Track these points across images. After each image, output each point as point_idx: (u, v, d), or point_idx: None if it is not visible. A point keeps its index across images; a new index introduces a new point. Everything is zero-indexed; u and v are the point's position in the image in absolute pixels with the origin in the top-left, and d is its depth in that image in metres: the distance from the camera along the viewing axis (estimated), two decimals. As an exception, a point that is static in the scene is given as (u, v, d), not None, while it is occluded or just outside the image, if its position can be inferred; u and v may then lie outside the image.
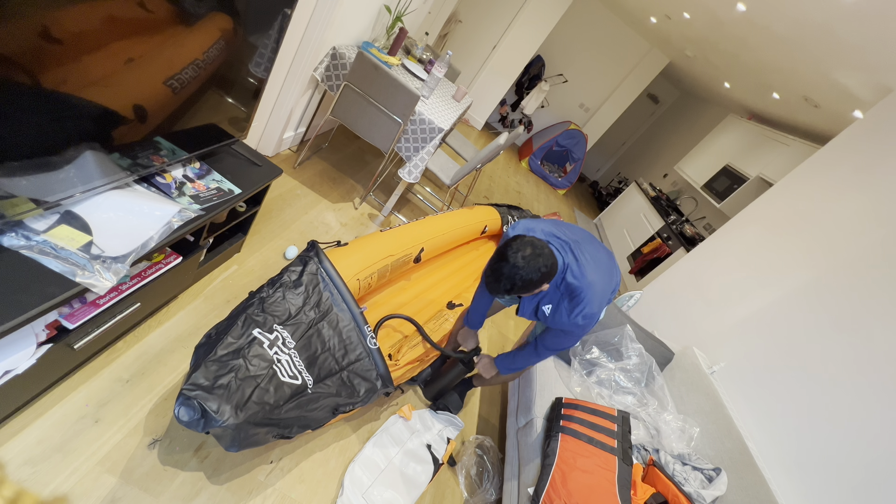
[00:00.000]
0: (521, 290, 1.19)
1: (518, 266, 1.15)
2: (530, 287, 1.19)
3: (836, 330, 1.83)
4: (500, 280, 1.17)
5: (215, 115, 1.36)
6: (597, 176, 8.80)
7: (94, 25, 0.79)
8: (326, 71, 2.34)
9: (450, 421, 1.79)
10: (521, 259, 1.15)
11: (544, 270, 1.18)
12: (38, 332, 0.93)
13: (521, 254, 1.16)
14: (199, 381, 0.98)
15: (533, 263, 1.16)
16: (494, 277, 1.19)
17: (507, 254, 1.17)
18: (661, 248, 4.35)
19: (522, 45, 5.78)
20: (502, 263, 1.17)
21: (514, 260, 1.15)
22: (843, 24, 2.23)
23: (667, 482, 1.51)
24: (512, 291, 1.19)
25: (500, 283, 1.18)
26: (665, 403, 1.95)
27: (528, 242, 1.18)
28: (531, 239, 1.20)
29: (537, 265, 1.16)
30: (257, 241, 1.98)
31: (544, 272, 1.18)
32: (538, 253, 1.18)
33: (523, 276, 1.15)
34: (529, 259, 1.16)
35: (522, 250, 1.16)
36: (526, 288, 1.18)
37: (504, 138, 2.61)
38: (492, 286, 1.21)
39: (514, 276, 1.15)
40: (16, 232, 0.86)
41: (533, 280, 1.17)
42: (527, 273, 1.15)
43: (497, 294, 1.24)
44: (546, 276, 1.19)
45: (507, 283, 1.17)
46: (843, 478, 1.49)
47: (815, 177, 2.47)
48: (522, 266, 1.15)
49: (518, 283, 1.16)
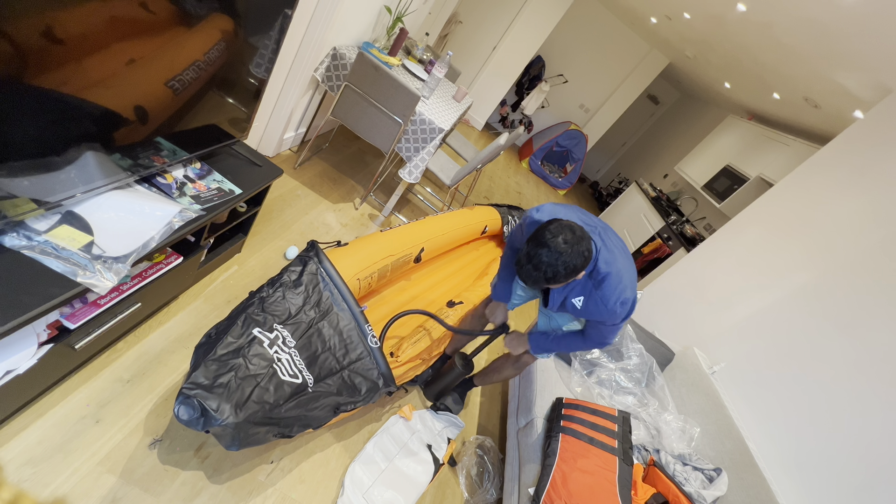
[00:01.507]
0: (563, 277, 1.08)
1: (560, 251, 1.05)
2: (571, 274, 1.08)
3: (836, 330, 1.83)
4: (539, 268, 1.06)
5: (216, 115, 1.36)
6: (597, 176, 8.80)
7: (95, 27, 0.79)
8: (327, 71, 2.34)
9: (450, 421, 1.79)
10: (562, 243, 1.05)
11: (586, 255, 1.08)
12: (39, 332, 0.93)
13: (563, 237, 1.06)
14: (199, 380, 0.98)
15: (576, 248, 1.06)
16: (533, 265, 1.07)
17: (545, 239, 1.06)
18: (662, 248, 4.34)
19: (523, 46, 5.78)
20: (541, 249, 1.06)
21: (554, 244, 1.05)
22: (843, 25, 2.24)
23: (667, 482, 1.51)
24: (553, 280, 1.08)
25: (539, 272, 1.06)
26: (665, 404, 1.95)
27: (566, 226, 1.08)
28: (569, 222, 1.10)
29: (580, 249, 1.07)
30: (258, 241, 1.98)
31: (586, 256, 1.08)
32: (580, 236, 1.08)
33: (566, 261, 1.05)
34: (572, 243, 1.06)
35: (563, 233, 1.06)
36: (567, 275, 1.08)
37: (504, 139, 2.61)
38: (529, 275, 1.09)
39: (556, 263, 1.05)
40: (17, 232, 0.86)
41: (576, 266, 1.07)
42: (570, 258, 1.05)
43: (534, 284, 1.12)
44: (586, 261, 1.10)
45: (550, 271, 1.06)
46: (844, 478, 1.49)
47: (815, 177, 2.47)
48: (565, 251, 1.05)
49: (561, 270, 1.06)
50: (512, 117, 7.08)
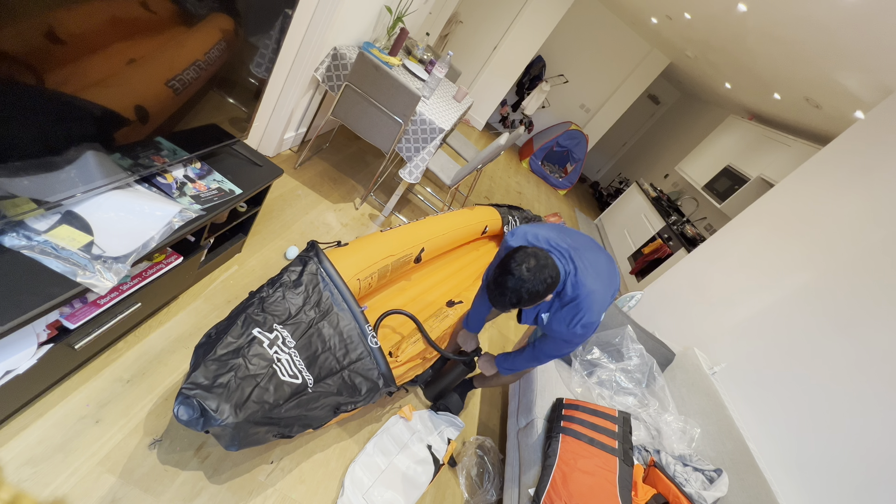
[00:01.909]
0: (527, 302, 1.17)
1: (523, 279, 1.13)
2: (536, 299, 1.17)
3: (837, 331, 1.83)
4: (505, 294, 1.15)
5: (216, 115, 1.36)
6: (597, 176, 8.80)
7: (95, 26, 0.79)
8: (327, 71, 2.34)
9: (450, 422, 1.79)
10: (525, 271, 1.13)
11: (549, 282, 1.16)
12: (39, 332, 0.93)
13: (526, 265, 1.14)
14: (199, 380, 0.98)
15: (539, 275, 1.14)
16: (499, 291, 1.16)
17: (510, 266, 1.15)
18: (662, 248, 4.34)
19: (523, 46, 5.78)
20: (507, 276, 1.15)
21: (518, 273, 1.13)
22: (843, 25, 2.23)
23: (668, 483, 1.51)
24: (518, 305, 1.18)
25: (505, 297, 1.16)
26: (666, 404, 1.95)
27: (531, 254, 1.17)
28: (534, 250, 1.19)
29: (543, 277, 1.15)
30: (258, 241, 1.98)
31: (549, 283, 1.17)
32: (543, 264, 1.16)
33: (529, 288, 1.14)
34: (535, 271, 1.14)
35: (526, 262, 1.14)
36: (532, 300, 1.17)
37: (505, 139, 2.61)
38: (497, 300, 1.19)
39: (519, 290, 1.14)
40: (17, 232, 0.86)
41: (539, 292, 1.15)
42: (533, 285, 1.14)
43: (502, 308, 1.22)
44: (551, 286, 1.18)
45: (514, 297, 1.15)
46: (845, 479, 1.49)
47: (816, 177, 2.47)
48: (528, 279, 1.13)
49: (524, 295, 1.14)
50: (512, 117, 7.07)
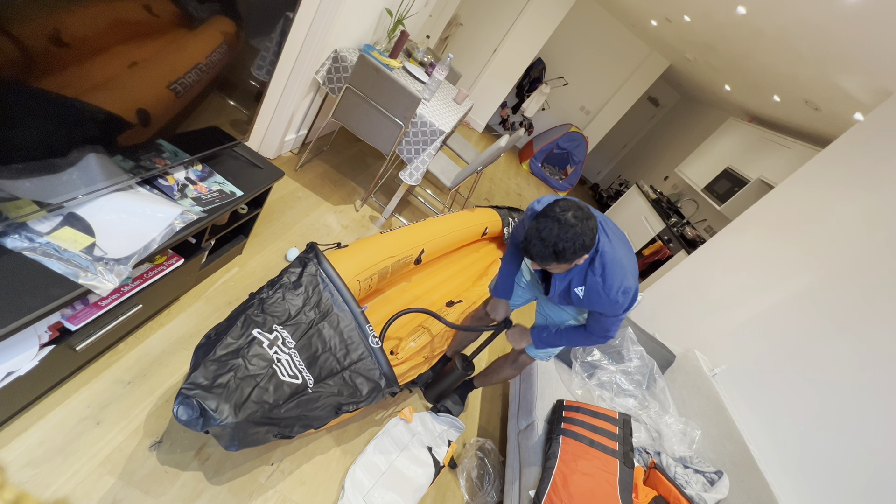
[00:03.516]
0: (570, 253, 1.07)
1: (571, 224, 1.04)
2: (580, 251, 1.08)
3: (837, 332, 1.83)
4: (548, 241, 1.05)
5: (217, 117, 1.37)
6: (597, 178, 8.81)
7: (97, 29, 0.80)
8: (328, 74, 2.35)
9: (451, 423, 1.79)
10: (572, 217, 1.05)
11: (592, 234, 1.08)
12: (40, 334, 0.94)
13: (572, 213, 1.06)
14: (198, 381, 0.98)
15: (586, 223, 1.06)
16: (542, 239, 1.06)
17: (555, 213, 1.06)
18: (662, 250, 4.34)
19: (523, 48, 5.80)
20: (551, 223, 1.05)
21: (564, 218, 1.04)
22: (842, 27, 2.24)
23: (668, 485, 1.50)
24: (563, 255, 1.07)
25: (548, 245, 1.05)
26: (666, 406, 1.94)
27: (574, 204, 1.08)
28: (576, 201, 1.10)
29: (590, 226, 1.07)
30: (259, 243, 1.98)
31: (592, 235, 1.08)
32: (588, 214, 1.08)
33: (576, 234, 1.04)
34: (581, 218, 1.06)
35: (572, 209, 1.06)
36: (576, 252, 1.07)
37: (505, 141, 2.62)
38: (537, 250, 1.08)
39: (566, 237, 1.04)
40: (19, 234, 0.86)
41: (584, 243, 1.06)
42: (580, 232, 1.05)
43: (541, 260, 1.11)
44: (593, 240, 1.09)
45: (560, 244, 1.04)
46: (846, 481, 1.49)
47: (815, 179, 2.47)
48: (575, 224, 1.04)
49: (569, 244, 1.05)
50: (512, 119, 7.09)
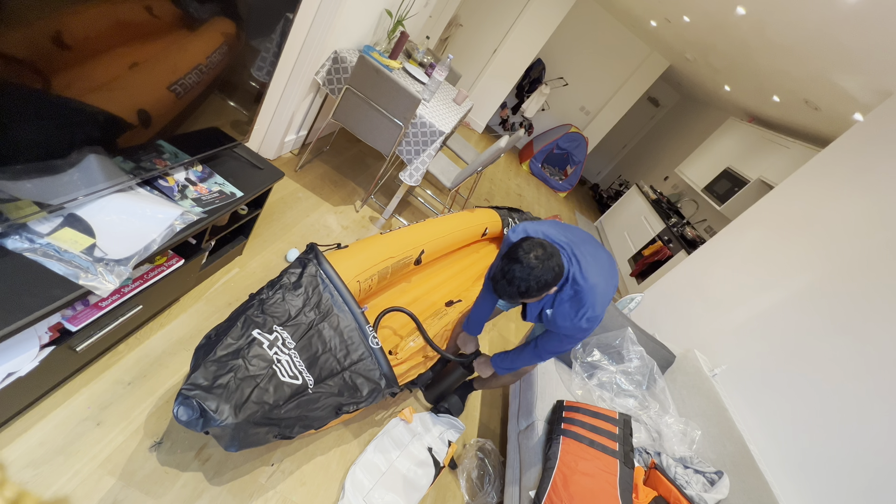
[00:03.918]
0: (535, 291, 1.16)
1: (532, 266, 1.12)
2: (543, 289, 1.16)
3: (838, 332, 1.83)
4: (513, 283, 1.14)
5: (218, 118, 1.37)
6: (597, 179, 8.81)
7: (98, 31, 0.80)
8: (328, 75, 2.35)
9: (451, 424, 1.79)
10: (534, 259, 1.13)
11: (557, 271, 1.16)
12: (40, 335, 0.94)
13: (534, 254, 1.14)
14: (198, 381, 0.98)
15: (547, 263, 1.14)
16: (507, 281, 1.15)
17: (518, 255, 1.14)
18: (662, 250, 4.34)
19: (523, 49, 5.80)
20: (514, 265, 1.14)
21: (526, 261, 1.13)
22: (842, 28, 2.24)
23: (669, 485, 1.50)
24: (526, 295, 1.16)
25: (513, 287, 1.15)
26: (666, 406, 1.94)
27: (538, 243, 1.17)
28: (539, 240, 1.19)
29: (551, 265, 1.14)
30: (259, 243, 1.98)
31: (556, 272, 1.16)
32: (550, 253, 1.16)
33: (538, 276, 1.13)
34: (543, 259, 1.14)
35: (534, 251, 1.14)
36: (539, 290, 1.16)
37: (505, 141, 2.62)
38: (504, 290, 1.18)
39: (528, 278, 1.13)
40: (20, 235, 0.87)
41: (547, 281, 1.15)
42: (541, 273, 1.13)
43: (510, 298, 1.21)
44: (557, 276, 1.17)
45: (523, 286, 1.14)
46: (847, 481, 1.49)
47: (815, 179, 2.47)
48: (536, 266, 1.13)
49: (533, 284, 1.13)
50: (512, 120, 7.10)
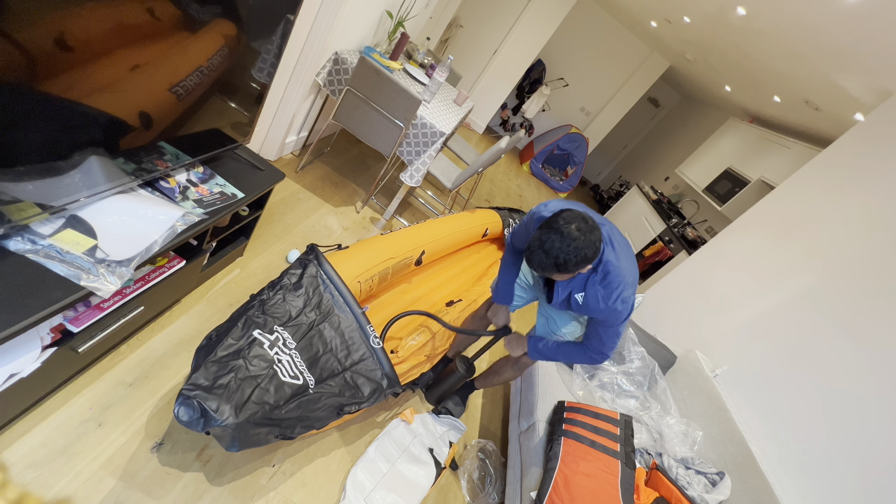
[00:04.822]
0: (573, 265, 1.07)
1: (573, 237, 1.04)
2: (581, 264, 1.08)
3: (840, 333, 1.82)
4: (551, 253, 1.05)
5: (219, 120, 1.37)
6: (598, 179, 8.81)
7: (100, 33, 0.80)
8: (329, 76, 2.36)
9: (452, 425, 1.79)
10: (575, 230, 1.05)
11: (597, 246, 1.08)
12: (42, 336, 0.94)
13: (576, 225, 1.06)
14: (199, 382, 0.98)
15: (588, 236, 1.06)
16: (545, 251, 1.06)
17: (558, 225, 1.06)
18: (663, 251, 4.34)
19: (523, 50, 5.80)
20: (554, 235, 1.05)
21: (568, 231, 1.05)
22: (843, 28, 2.24)
23: (670, 486, 1.50)
24: (564, 267, 1.07)
25: (551, 258, 1.06)
26: (668, 407, 1.94)
27: (578, 215, 1.08)
28: (581, 212, 1.11)
29: (592, 238, 1.07)
30: (260, 244, 1.99)
31: (597, 247, 1.09)
32: (592, 226, 1.08)
33: (578, 248, 1.05)
34: (585, 231, 1.06)
35: (576, 221, 1.06)
36: (578, 264, 1.07)
37: (505, 142, 2.62)
38: (539, 260, 1.08)
39: (567, 250, 1.04)
40: (22, 236, 0.87)
41: (587, 256, 1.07)
42: (583, 245, 1.05)
43: (544, 270, 1.11)
44: (597, 252, 1.10)
45: (562, 257, 1.05)
46: (849, 482, 1.48)
47: (816, 179, 2.47)
48: (577, 237, 1.05)
49: (572, 257, 1.05)
50: (513, 121, 7.10)
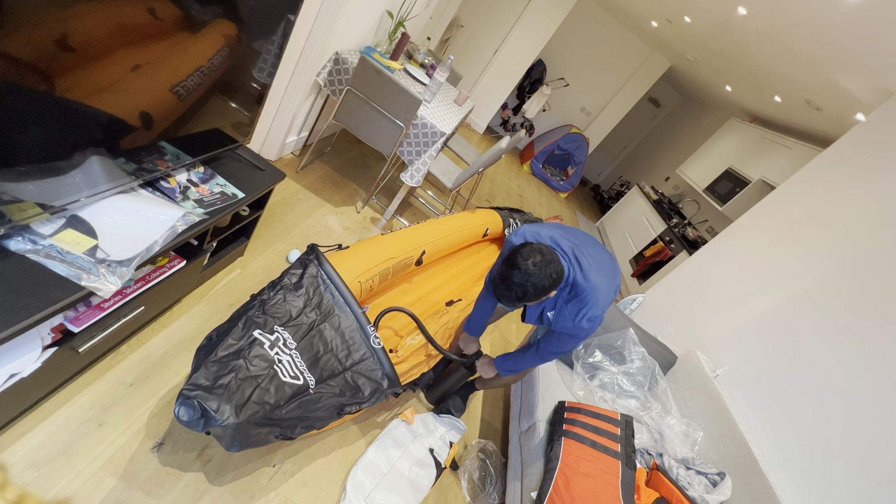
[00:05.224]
0: (533, 297, 1.19)
1: (529, 273, 1.15)
2: (541, 294, 1.19)
3: (841, 333, 1.82)
4: (511, 288, 1.17)
5: (219, 120, 1.37)
6: (599, 179, 8.81)
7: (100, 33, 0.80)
8: (329, 76, 2.36)
9: (452, 425, 1.79)
10: (531, 266, 1.16)
11: (555, 277, 1.18)
12: (43, 336, 0.94)
13: (532, 260, 1.16)
14: (200, 382, 0.98)
15: (544, 270, 1.16)
16: (506, 286, 1.18)
17: (516, 261, 1.17)
18: (664, 251, 4.34)
19: (524, 50, 5.80)
20: (513, 271, 1.17)
21: (524, 267, 1.15)
22: (843, 28, 2.24)
23: (671, 487, 1.50)
24: (524, 299, 1.19)
25: (511, 291, 1.18)
26: (668, 407, 1.94)
27: (536, 249, 1.19)
28: (539, 246, 1.21)
29: (548, 272, 1.17)
30: (260, 244, 1.99)
31: (555, 278, 1.19)
32: (548, 259, 1.18)
33: (535, 282, 1.15)
34: (541, 265, 1.16)
35: (532, 257, 1.17)
36: (537, 295, 1.19)
37: (506, 142, 2.62)
38: (502, 294, 1.20)
39: (525, 284, 1.16)
40: (23, 236, 0.87)
41: (544, 287, 1.17)
42: (538, 280, 1.16)
43: (508, 303, 1.24)
44: (556, 282, 1.20)
45: (520, 291, 1.17)
46: (850, 483, 1.48)
47: (817, 179, 2.47)
48: (534, 272, 1.15)
49: (530, 290, 1.16)
50: (513, 121, 7.09)
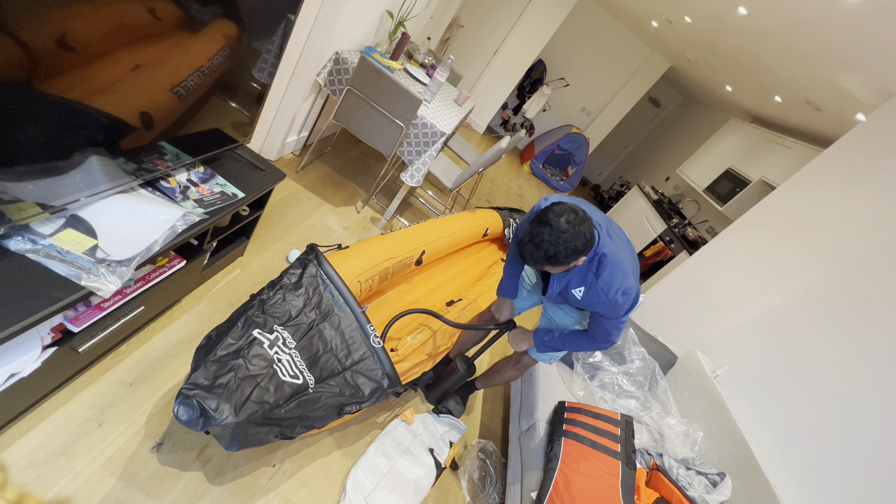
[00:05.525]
0: (563, 259, 1.09)
1: (562, 230, 1.06)
2: (572, 256, 1.09)
3: (841, 333, 1.82)
4: (541, 246, 1.07)
5: (219, 120, 1.37)
6: (599, 179, 8.80)
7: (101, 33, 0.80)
8: (329, 76, 2.36)
9: (452, 425, 1.79)
10: (564, 223, 1.06)
11: (588, 237, 1.09)
12: (43, 336, 0.94)
13: (566, 217, 1.07)
14: (199, 381, 0.98)
15: (578, 228, 1.07)
16: (535, 244, 1.08)
17: (548, 218, 1.07)
18: (664, 251, 4.34)
19: (524, 50, 5.80)
20: (543, 228, 1.07)
21: (557, 224, 1.06)
22: (844, 28, 2.24)
23: (671, 487, 1.50)
24: (554, 259, 1.09)
25: (540, 251, 1.08)
26: (668, 407, 1.94)
27: (570, 208, 1.09)
28: (572, 205, 1.11)
29: (582, 231, 1.07)
30: (260, 244, 1.98)
31: (588, 239, 1.09)
32: (582, 218, 1.09)
33: (567, 240, 1.06)
34: (574, 223, 1.07)
35: (566, 214, 1.07)
36: (568, 256, 1.09)
37: (506, 142, 2.62)
38: (530, 254, 1.10)
39: (557, 242, 1.06)
40: (22, 236, 0.87)
41: (577, 248, 1.08)
42: (572, 238, 1.06)
43: (536, 263, 1.13)
44: (588, 244, 1.10)
45: (551, 249, 1.06)
46: (850, 483, 1.48)
47: (817, 180, 2.46)
48: (566, 230, 1.06)
49: (562, 249, 1.06)
50: (513, 121, 7.09)
